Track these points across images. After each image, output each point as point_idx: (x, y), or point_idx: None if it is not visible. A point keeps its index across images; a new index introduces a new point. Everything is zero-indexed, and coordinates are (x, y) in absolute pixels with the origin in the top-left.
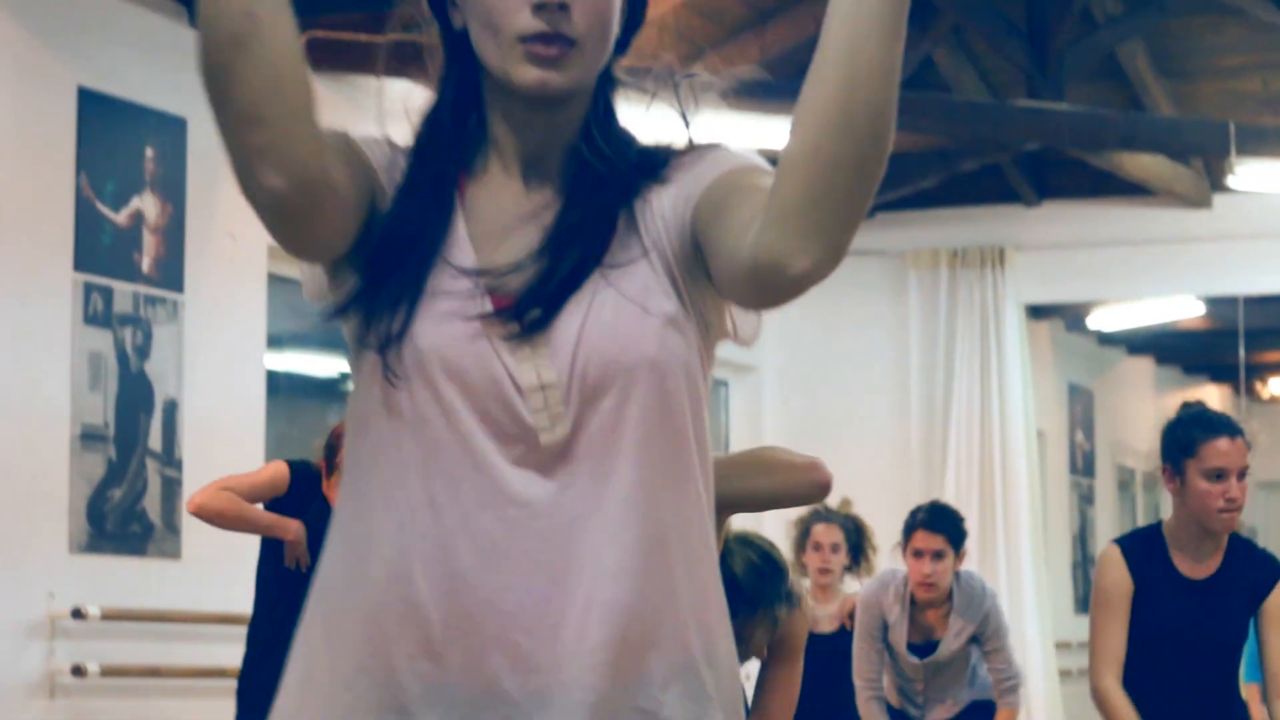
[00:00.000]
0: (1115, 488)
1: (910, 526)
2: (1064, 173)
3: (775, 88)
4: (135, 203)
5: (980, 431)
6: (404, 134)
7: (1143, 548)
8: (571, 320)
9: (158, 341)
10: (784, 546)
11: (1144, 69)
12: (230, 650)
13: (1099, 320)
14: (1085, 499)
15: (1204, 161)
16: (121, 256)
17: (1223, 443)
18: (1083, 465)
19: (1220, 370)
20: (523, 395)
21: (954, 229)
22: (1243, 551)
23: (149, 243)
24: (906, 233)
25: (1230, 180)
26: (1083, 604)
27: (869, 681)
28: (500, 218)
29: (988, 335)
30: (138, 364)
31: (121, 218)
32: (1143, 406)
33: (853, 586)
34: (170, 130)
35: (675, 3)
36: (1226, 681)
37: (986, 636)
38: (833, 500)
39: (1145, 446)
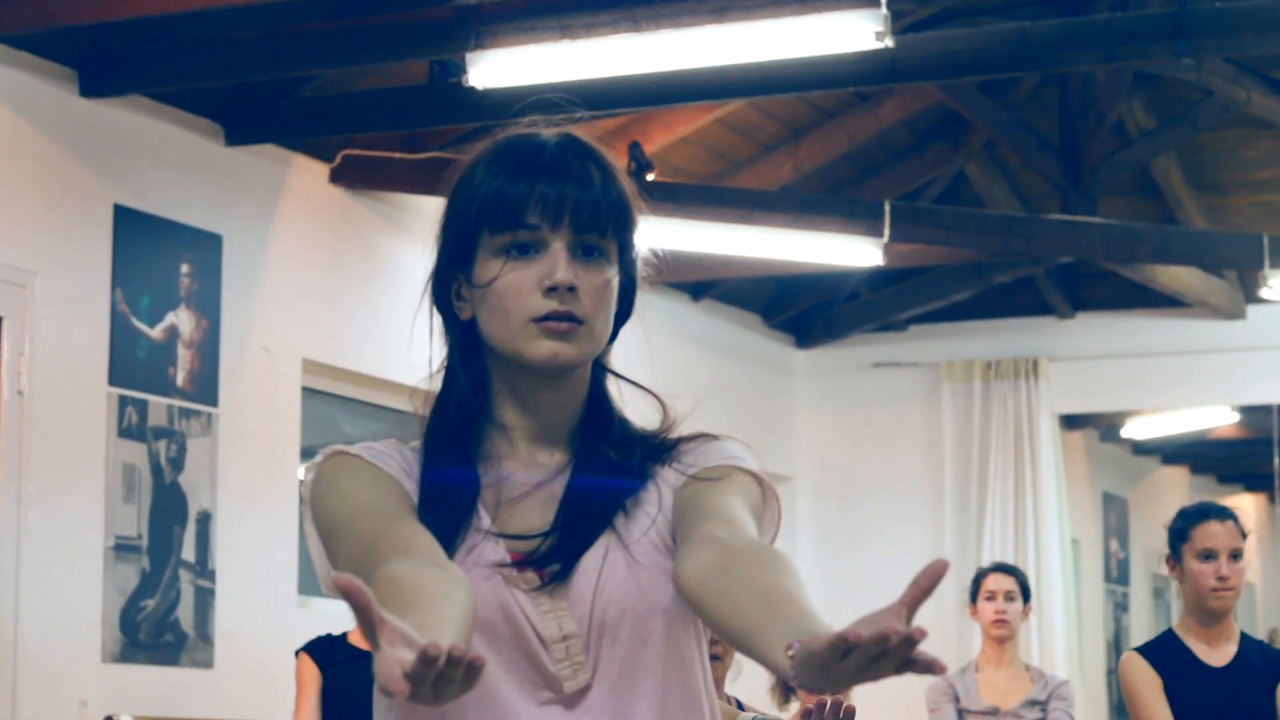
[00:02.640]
0: (1150, 595)
1: (980, 575)
2: (1097, 285)
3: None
4: (170, 318)
5: (1015, 539)
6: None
7: (1160, 646)
8: (588, 572)
9: (191, 454)
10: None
11: (1177, 182)
12: None
13: (1133, 430)
14: (1120, 606)
15: (1238, 273)
16: (156, 371)
17: (1212, 525)
18: (1117, 573)
19: (1255, 479)
20: (546, 647)
21: (988, 340)
22: (1255, 646)
23: (183, 357)
24: (940, 344)
25: (1264, 291)
26: (1117, 709)
27: None
28: (512, 490)
29: (1021, 445)
30: (171, 476)
31: (157, 333)
32: None
33: None
34: (206, 246)
35: (709, 119)
36: None
37: (1054, 697)
38: None
39: None
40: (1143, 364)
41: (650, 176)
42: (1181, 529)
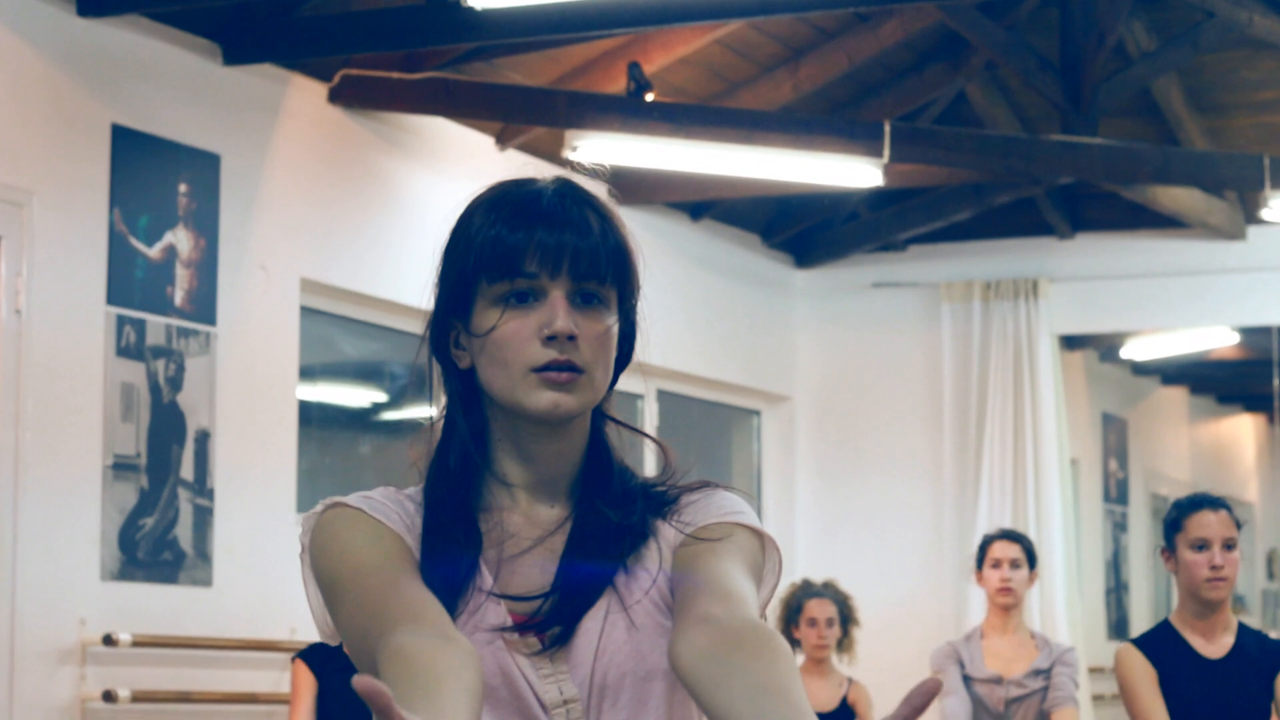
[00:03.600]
0: (1149, 515)
1: (986, 542)
2: (1097, 205)
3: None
4: (168, 237)
5: (1014, 460)
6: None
7: (1156, 638)
8: (589, 635)
9: (190, 373)
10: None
11: (1178, 103)
12: (259, 676)
13: (1133, 350)
14: (1119, 526)
15: (1238, 194)
16: (154, 290)
17: (1205, 515)
18: (1116, 493)
19: (1254, 400)
20: (547, 712)
21: (987, 261)
22: (1253, 638)
23: (182, 276)
24: (940, 265)
25: (1264, 212)
26: (1116, 629)
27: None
28: (513, 542)
29: (1021, 365)
30: (170, 395)
31: (155, 252)
32: (1176, 436)
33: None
34: (204, 166)
35: (708, 39)
36: None
37: (1058, 663)
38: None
39: (1179, 475)
40: (1142, 285)
41: (649, 97)
42: (1175, 519)
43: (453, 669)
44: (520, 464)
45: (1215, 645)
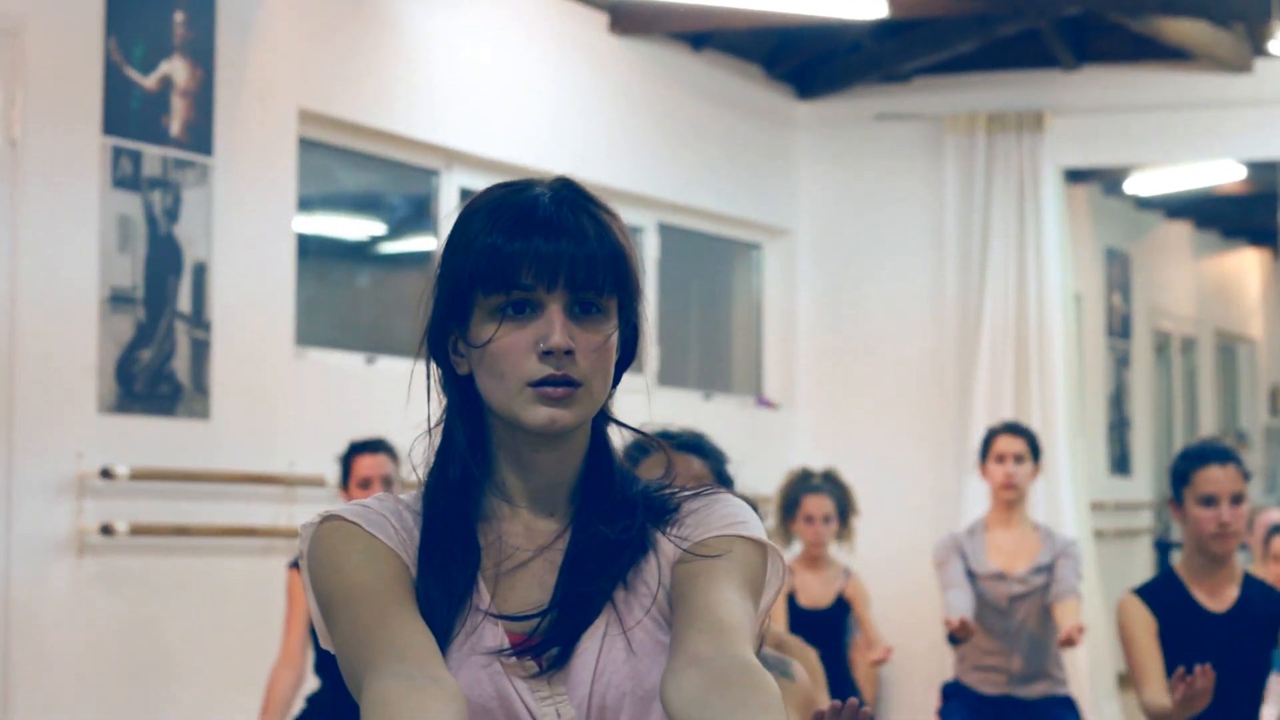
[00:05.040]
0: (1151, 350)
1: (990, 435)
2: (1103, 37)
3: None
4: (164, 67)
5: (1016, 294)
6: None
7: (1160, 589)
8: (587, 656)
9: (187, 205)
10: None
11: None
12: (257, 509)
13: (1137, 184)
14: (1121, 361)
15: (1245, 26)
16: (150, 120)
17: (1213, 470)
18: (1119, 328)
19: (1259, 234)
20: None
21: (991, 93)
22: (1257, 589)
23: (178, 107)
24: (943, 97)
25: (1271, 45)
26: (1117, 465)
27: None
28: (512, 555)
29: (1024, 199)
30: (166, 227)
31: (150, 82)
32: (1181, 270)
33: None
34: None
35: None
36: (1249, 718)
37: (1061, 555)
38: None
39: (1182, 310)
40: (1148, 117)
41: None
42: (1183, 471)
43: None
44: (519, 473)
45: (1219, 599)
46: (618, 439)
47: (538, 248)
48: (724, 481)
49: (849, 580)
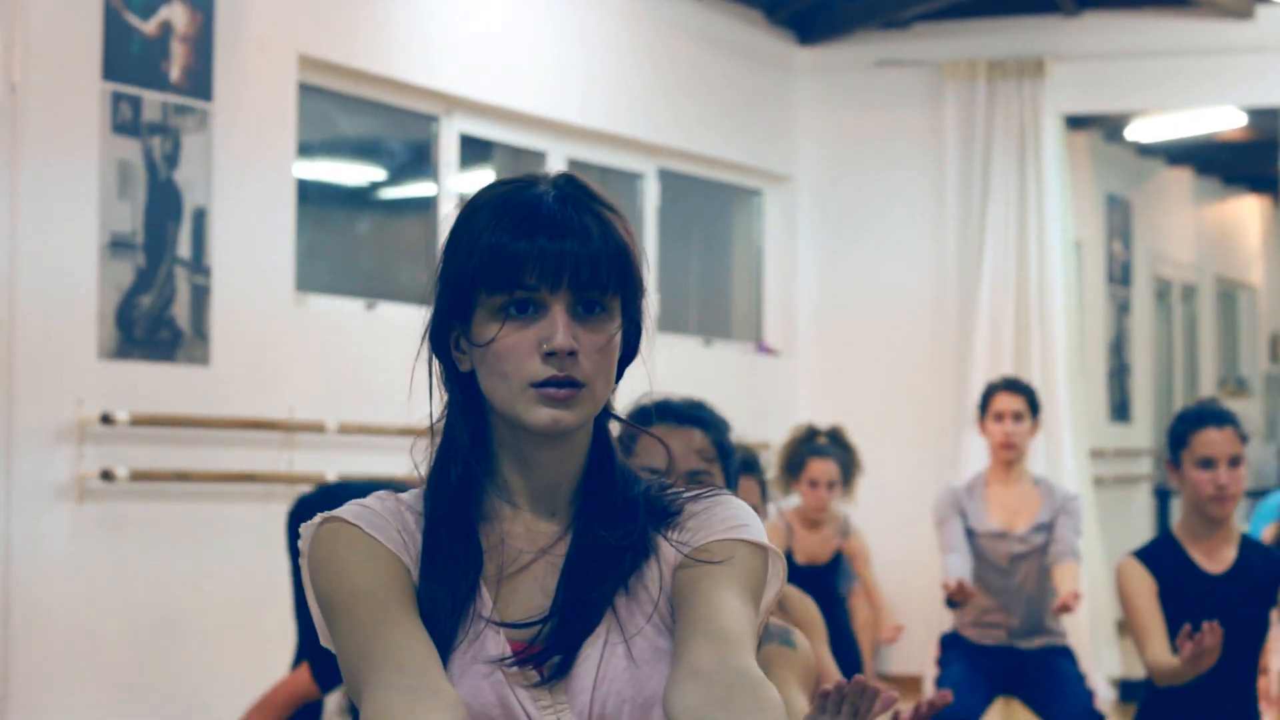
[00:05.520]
0: (1152, 297)
1: (988, 392)
2: None
3: None
4: (164, 11)
5: (1017, 241)
6: None
7: (1158, 551)
8: (588, 664)
9: (186, 150)
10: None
11: None
12: (257, 455)
13: (1138, 131)
14: (1122, 308)
15: None
16: (150, 65)
17: (1210, 433)
18: (1120, 275)
19: (1260, 181)
20: None
21: (991, 39)
22: (1255, 551)
23: (177, 51)
24: (943, 43)
25: None
26: (1117, 412)
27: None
28: (514, 556)
29: (1025, 145)
30: (166, 172)
31: (150, 27)
32: (1181, 217)
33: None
34: None
35: None
36: (1247, 679)
37: (1061, 512)
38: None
39: (1183, 257)
40: (1148, 64)
41: None
42: (1181, 434)
43: None
44: (521, 472)
45: (1217, 560)
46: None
47: (542, 247)
48: (726, 453)
49: (848, 539)
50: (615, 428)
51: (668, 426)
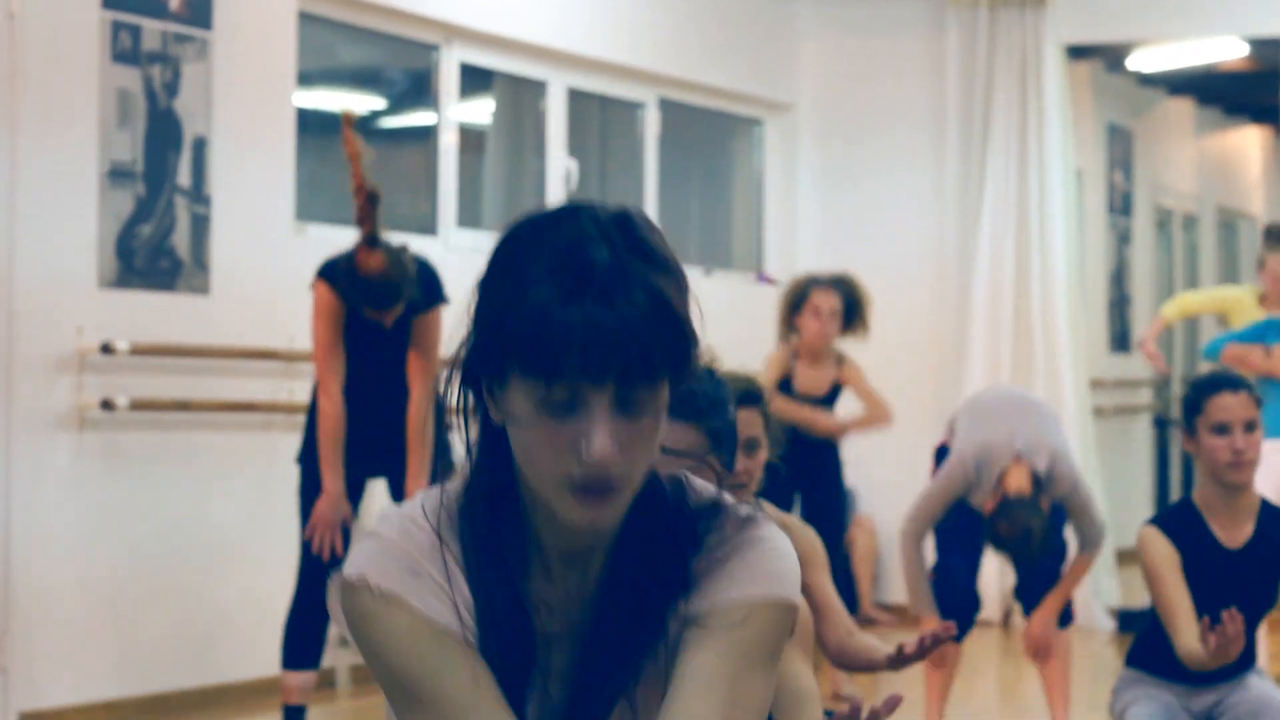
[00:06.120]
0: (1153, 227)
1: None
2: None
3: None
4: None
5: (1018, 171)
6: None
7: (1178, 520)
8: None
9: (186, 79)
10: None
11: None
12: (257, 384)
13: (1139, 61)
14: (1123, 238)
15: None
16: None
17: (1225, 397)
18: (1120, 205)
19: (1261, 111)
20: None
21: None
22: (1274, 519)
23: None
24: None
25: None
26: (1118, 343)
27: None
28: (543, 618)
29: (1026, 75)
30: (166, 101)
31: None
32: (1183, 147)
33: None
34: None
35: None
36: (1249, 642)
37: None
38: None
39: (1184, 187)
40: None
41: None
42: (1194, 400)
43: None
44: (552, 528)
45: (1236, 531)
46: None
47: (588, 322)
48: (720, 441)
49: (842, 367)
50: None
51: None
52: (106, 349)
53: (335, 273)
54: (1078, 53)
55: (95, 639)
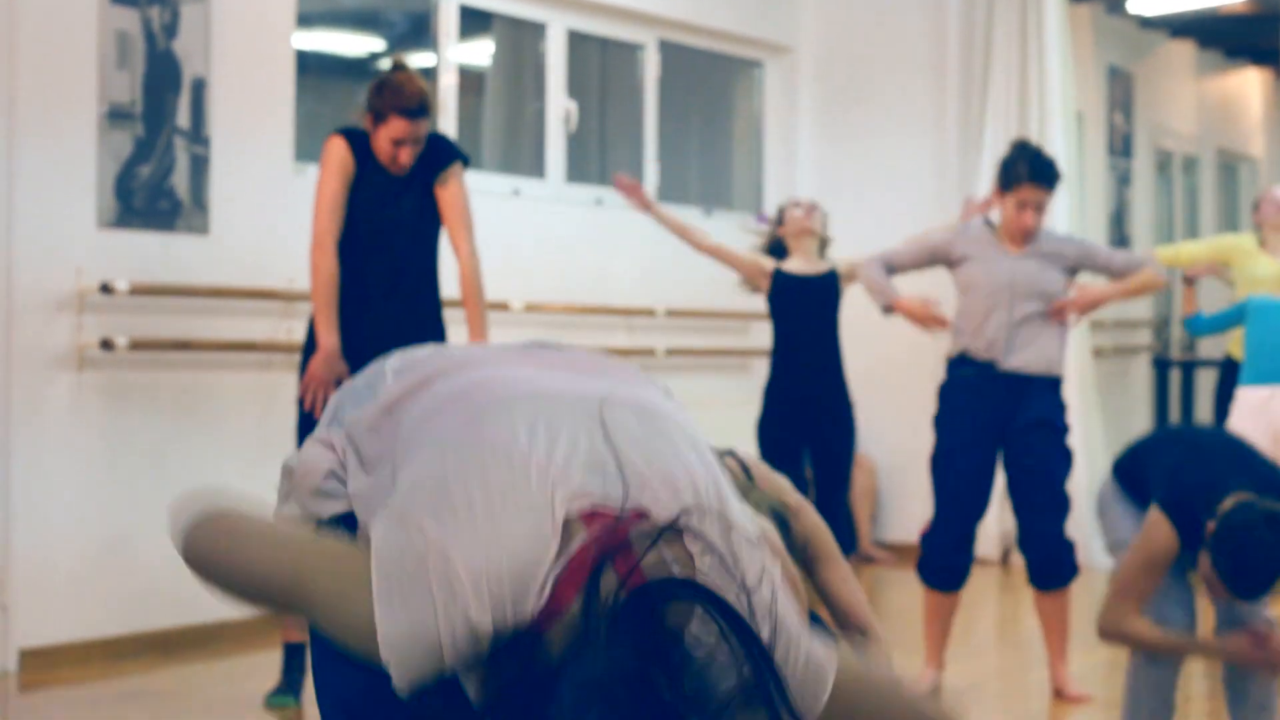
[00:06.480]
0: (1153, 169)
1: (1016, 179)
2: None
3: None
4: None
5: (1018, 113)
6: None
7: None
8: None
9: (185, 20)
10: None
11: None
12: (256, 324)
13: (1140, 3)
14: (1123, 180)
15: None
16: None
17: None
18: (1121, 147)
19: (1262, 54)
20: None
21: None
22: None
23: None
24: None
25: None
26: None
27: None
28: None
29: (1027, 17)
30: (165, 42)
31: None
32: (1183, 89)
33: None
34: None
35: None
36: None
37: (1089, 255)
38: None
39: (1184, 129)
40: None
41: None
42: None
43: None
44: None
45: None
46: None
47: None
48: None
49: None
50: None
51: None
52: (106, 289)
53: (354, 131)
54: None
55: (95, 577)
